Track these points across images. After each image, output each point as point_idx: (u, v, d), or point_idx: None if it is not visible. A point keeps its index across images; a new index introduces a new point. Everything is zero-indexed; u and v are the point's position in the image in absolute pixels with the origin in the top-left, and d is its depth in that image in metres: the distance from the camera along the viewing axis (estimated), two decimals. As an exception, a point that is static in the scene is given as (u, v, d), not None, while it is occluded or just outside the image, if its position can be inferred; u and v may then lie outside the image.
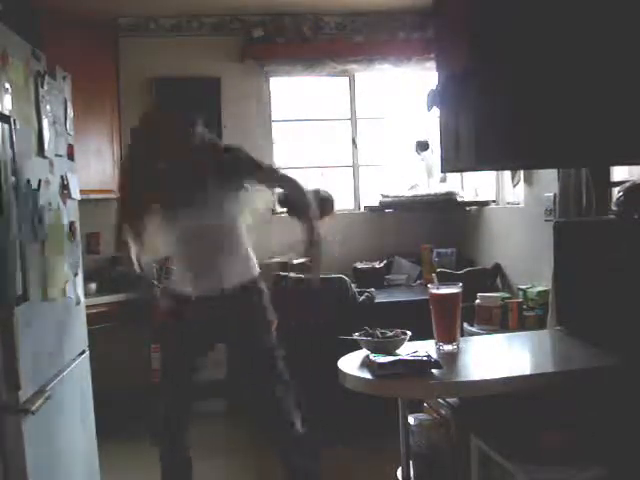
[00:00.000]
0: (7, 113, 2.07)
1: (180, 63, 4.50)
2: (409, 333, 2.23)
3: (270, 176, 2.68)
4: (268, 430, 2.67)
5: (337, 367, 2.16)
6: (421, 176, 4.69)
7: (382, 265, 4.48)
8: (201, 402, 3.00)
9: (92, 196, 3.99)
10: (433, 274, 2.63)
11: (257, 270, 2.68)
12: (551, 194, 3.36)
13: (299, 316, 3.64)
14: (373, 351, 2.15)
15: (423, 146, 4.62)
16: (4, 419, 2.02)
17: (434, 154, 4.49)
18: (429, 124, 4.39)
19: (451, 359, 2.16)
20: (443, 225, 4.67)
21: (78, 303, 2.79)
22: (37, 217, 2.30)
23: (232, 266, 2.58)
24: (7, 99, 2.09)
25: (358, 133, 4.88)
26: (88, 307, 3.06)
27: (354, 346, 2.26)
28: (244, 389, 2.77)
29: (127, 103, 4.46)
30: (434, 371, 1.99)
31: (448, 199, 4.49)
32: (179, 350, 2.62)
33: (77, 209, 2.88)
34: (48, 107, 2.51)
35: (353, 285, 3.91)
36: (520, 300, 3.47)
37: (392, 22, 4.64)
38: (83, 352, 2.84)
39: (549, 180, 3.34)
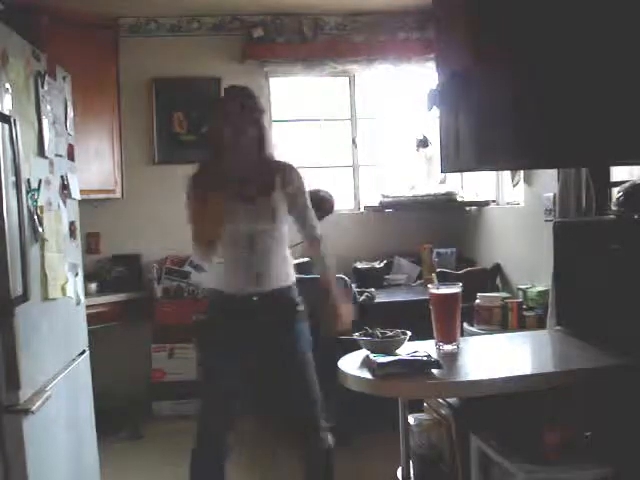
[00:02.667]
0: (7, 113, 2.07)
1: (180, 63, 4.51)
2: (409, 333, 2.23)
3: (307, 214, 2.57)
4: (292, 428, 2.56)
5: (337, 367, 2.16)
6: (421, 174, 4.69)
7: (382, 265, 4.48)
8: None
9: (92, 196, 4.00)
10: (433, 274, 2.62)
11: (293, 278, 2.56)
12: (551, 194, 3.36)
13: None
14: (373, 351, 2.15)
15: (423, 143, 4.62)
16: (4, 419, 2.03)
17: (434, 149, 4.49)
18: (429, 124, 4.39)
19: (451, 359, 2.16)
20: (443, 225, 4.66)
21: (78, 303, 2.79)
22: (37, 217, 2.30)
23: (277, 269, 2.47)
24: (7, 99, 2.09)
25: (358, 133, 4.88)
26: (88, 307, 3.06)
27: (354, 346, 2.26)
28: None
29: (127, 103, 4.46)
30: (434, 371, 1.99)
31: (448, 199, 4.49)
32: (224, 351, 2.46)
33: (77, 209, 2.88)
34: (48, 107, 2.51)
35: (353, 285, 3.91)
36: (520, 300, 3.47)
37: (392, 22, 4.64)
38: (83, 352, 2.84)
39: (549, 180, 3.34)
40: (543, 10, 1.82)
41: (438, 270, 3.94)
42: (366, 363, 2.11)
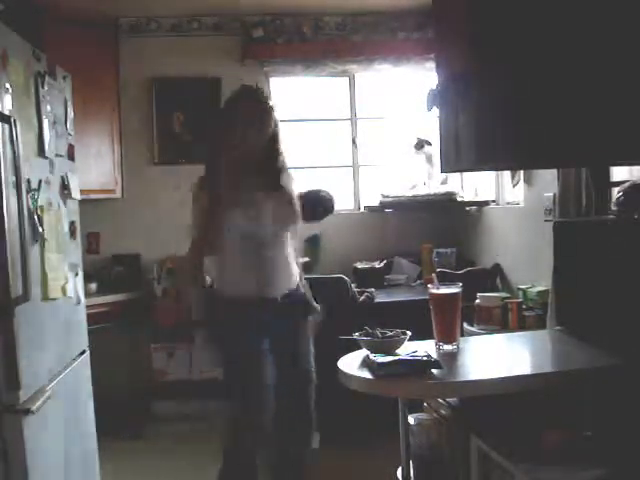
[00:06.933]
0: (7, 113, 2.07)
1: (180, 63, 4.51)
2: (409, 333, 2.23)
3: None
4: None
5: (337, 367, 2.16)
6: (421, 174, 4.68)
7: (382, 265, 4.48)
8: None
9: (92, 196, 4.00)
10: (433, 274, 2.61)
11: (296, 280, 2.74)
12: (551, 194, 3.36)
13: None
14: (373, 351, 2.15)
15: (420, 145, 4.62)
16: (4, 419, 2.03)
17: (434, 149, 4.48)
18: (429, 124, 4.39)
19: (451, 359, 2.15)
20: (443, 225, 4.66)
21: (78, 303, 2.79)
22: (37, 217, 2.30)
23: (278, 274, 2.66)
24: (7, 99, 2.09)
25: (358, 133, 4.88)
26: (88, 307, 3.06)
27: (354, 346, 2.26)
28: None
29: (127, 103, 4.47)
30: (434, 371, 1.99)
31: (448, 199, 4.49)
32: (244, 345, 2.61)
33: (77, 209, 2.88)
34: (48, 107, 2.51)
35: (353, 285, 3.91)
36: (520, 300, 3.47)
37: (392, 22, 4.64)
38: (83, 352, 2.84)
39: (549, 180, 3.34)
40: (543, 10, 1.82)
41: (438, 270, 3.94)
42: (366, 363, 2.11)
